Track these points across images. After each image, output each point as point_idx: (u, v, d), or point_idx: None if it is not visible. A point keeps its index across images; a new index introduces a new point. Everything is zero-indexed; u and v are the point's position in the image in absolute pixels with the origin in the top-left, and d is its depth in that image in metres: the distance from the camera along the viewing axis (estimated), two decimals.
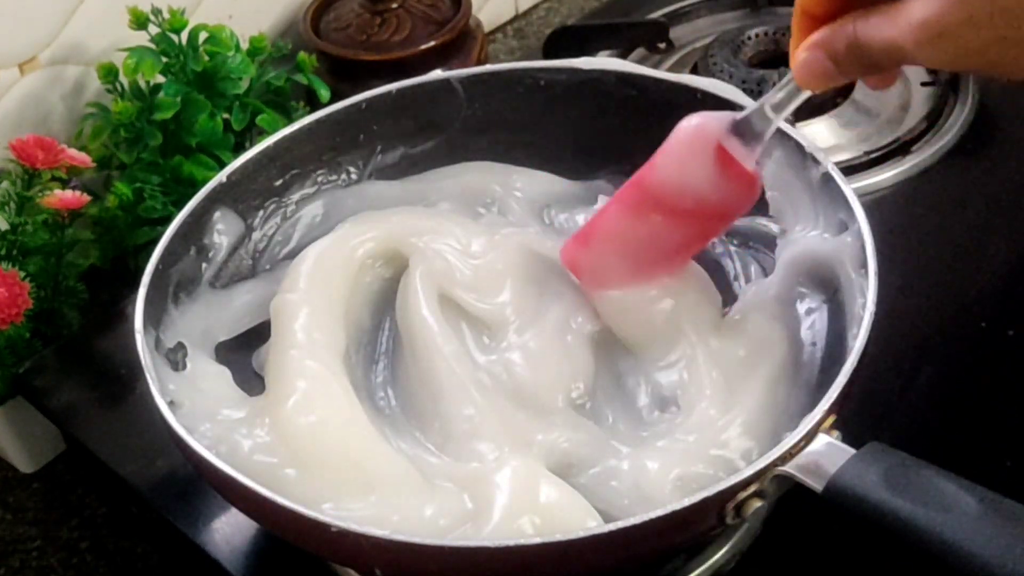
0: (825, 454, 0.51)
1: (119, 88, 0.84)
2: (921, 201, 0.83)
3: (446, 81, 0.74)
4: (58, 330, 0.79)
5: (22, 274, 0.73)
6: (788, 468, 0.51)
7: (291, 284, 0.66)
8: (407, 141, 0.75)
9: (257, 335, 0.68)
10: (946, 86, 0.90)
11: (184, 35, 0.84)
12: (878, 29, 0.49)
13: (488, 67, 0.76)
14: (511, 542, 0.50)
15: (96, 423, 0.73)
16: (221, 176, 0.69)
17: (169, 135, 0.84)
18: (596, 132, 0.74)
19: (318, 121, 0.72)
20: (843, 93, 0.89)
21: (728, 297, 0.68)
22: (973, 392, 0.70)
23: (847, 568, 0.62)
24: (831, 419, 0.52)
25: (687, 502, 0.49)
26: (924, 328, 0.73)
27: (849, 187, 0.62)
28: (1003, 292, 0.77)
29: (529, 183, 0.75)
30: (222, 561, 0.64)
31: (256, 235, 0.72)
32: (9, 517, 0.77)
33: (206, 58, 0.85)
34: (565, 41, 0.99)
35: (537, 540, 0.50)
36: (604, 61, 0.74)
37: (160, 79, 0.83)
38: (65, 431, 0.76)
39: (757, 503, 0.51)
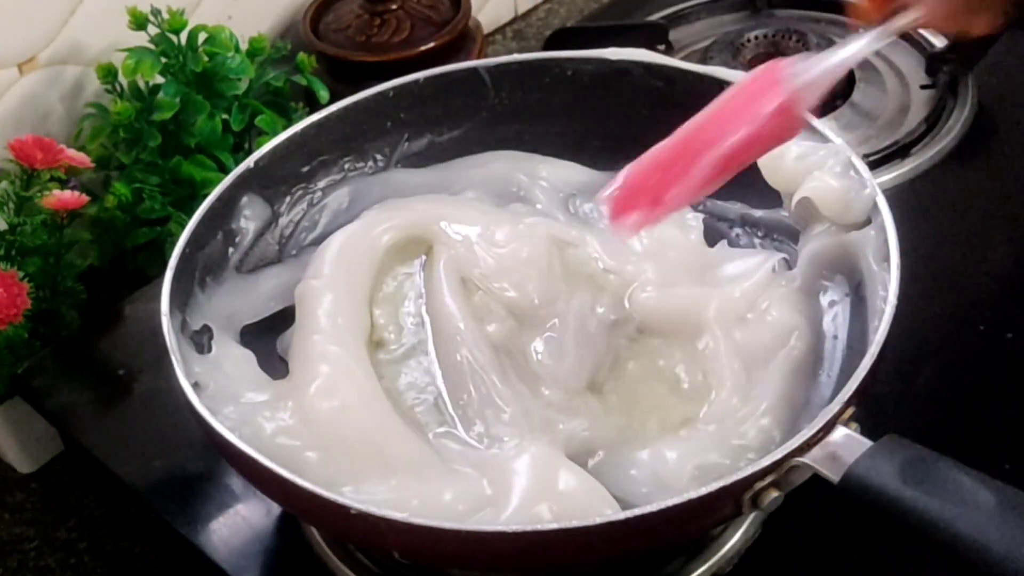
0: (843, 445, 0.51)
1: (118, 88, 0.84)
2: (920, 204, 0.83)
3: (474, 70, 0.75)
4: (56, 330, 0.78)
5: (21, 274, 0.72)
6: (805, 459, 0.51)
7: (316, 270, 0.67)
8: (434, 129, 0.76)
9: (282, 319, 0.68)
10: (945, 89, 0.90)
11: (183, 36, 0.84)
12: None
13: (516, 56, 0.76)
14: (529, 527, 0.50)
15: (94, 424, 0.72)
16: (249, 162, 0.69)
17: (168, 136, 0.83)
18: (622, 122, 0.75)
19: (345, 108, 0.73)
20: (842, 96, 0.89)
21: None
22: (971, 395, 0.70)
23: (844, 569, 0.62)
24: (850, 411, 0.52)
25: (704, 491, 0.50)
26: (922, 331, 0.73)
27: (873, 180, 0.62)
28: (1002, 295, 0.77)
29: (554, 172, 0.76)
30: (219, 562, 0.64)
31: (283, 221, 0.72)
32: (7, 517, 0.77)
33: (205, 59, 0.85)
34: (564, 43, 0.99)
35: (554, 526, 0.50)
36: (631, 52, 0.74)
37: (159, 79, 0.83)
38: (63, 431, 0.76)
39: (774, 493, 0.51)
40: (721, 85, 0.70)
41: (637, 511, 0.49)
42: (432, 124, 0.76)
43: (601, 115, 0.75)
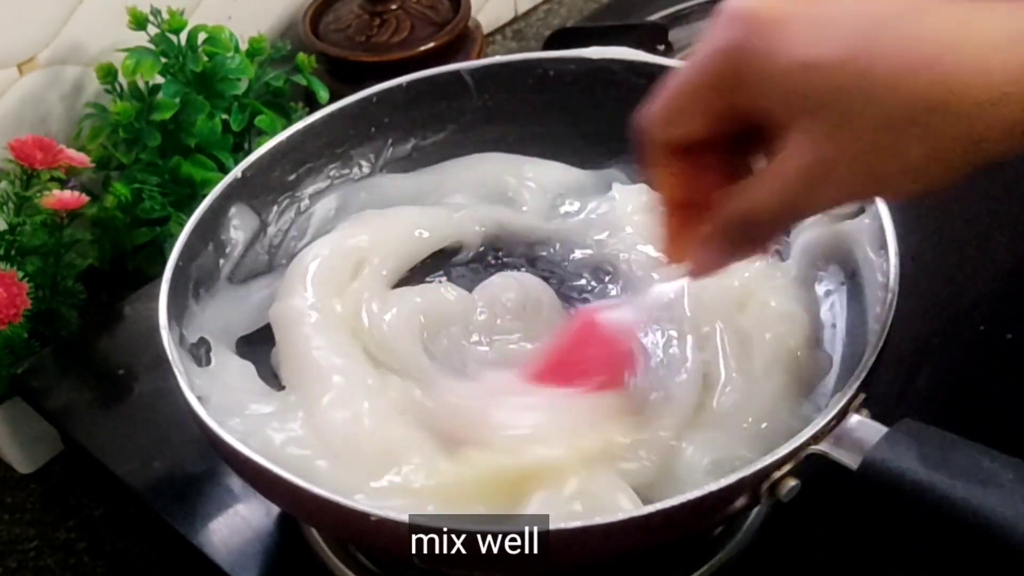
0: (858, 431, 0.51)
1: (118, 88, 0.84)
2: (920, 203, 0.82)
3: (456, 73, 0.75)
4: (56, 330, 0.78)
5: (20, 274, 0.72)
6: (822, 447, 0.51)
7: (290, 288, 0.66)
8: (418, 133, 0.76)
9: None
10: None
11: (183, 36, 0.84)
12: (761, 197, 0.47)
13: (498, 58, 0.76)
14: (552, 526, 0.50)
15: (94, 424, 0.72)
16: (236, 172, 0.69)
17: (168, 136, 0.83)
18: (606, 121, 0.74)
19: (330, 115, 0.73)
20: None
21: None
22: (971, 395, 0.70)
23: (844, 568, 0.62)
24: (861, 397, 0.52)
25: (723, 483, 0.50)
26: (922, 331, 0.73)
27: None
28: (1003, 295, 0.77)
29: (541, 173, 0.76)
30: (219, 562, 0.64)
31: (271, 230, 0.72)
32: (6, 518, 0.77)
33: (205, 59, 0.85)
34: (564, 43, 0.98)
35: (578, 523, 0.50)
36: (613, 50, 0.74)
37: (159, 80, 0.83)
38: (63, 432, 0.76)
39: (792, 482, 0.51)
40: None
41: (659, 505, 0.49)
42: (416, 128, 0.76)
43: (585, 114, 0.75)
